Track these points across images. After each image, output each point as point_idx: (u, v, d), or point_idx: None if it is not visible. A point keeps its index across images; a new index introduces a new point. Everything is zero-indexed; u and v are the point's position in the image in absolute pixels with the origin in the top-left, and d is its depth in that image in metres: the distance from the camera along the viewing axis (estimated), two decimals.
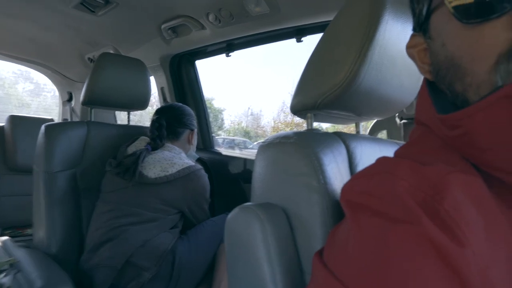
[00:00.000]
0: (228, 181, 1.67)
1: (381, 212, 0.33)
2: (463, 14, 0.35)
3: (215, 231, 1.24)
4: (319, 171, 0.51)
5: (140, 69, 1.39)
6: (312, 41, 1.23)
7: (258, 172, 0.60)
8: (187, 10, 1.34)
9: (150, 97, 1.45)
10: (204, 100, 1.93)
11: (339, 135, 0.63)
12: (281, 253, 0.50)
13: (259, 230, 0.50)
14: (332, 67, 0.56)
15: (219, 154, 1.80)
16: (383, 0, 0.54)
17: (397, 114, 1.13)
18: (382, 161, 0.40)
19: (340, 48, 0.56)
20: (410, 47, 0.46)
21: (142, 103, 1.43)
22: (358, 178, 0.40)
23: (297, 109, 0.65)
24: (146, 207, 1.15)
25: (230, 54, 1.61)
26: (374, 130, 1.19)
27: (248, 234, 0.52)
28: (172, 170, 1.17)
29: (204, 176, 1.26)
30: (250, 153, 1.91)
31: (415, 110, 0.47)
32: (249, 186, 1.73)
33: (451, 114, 0.37)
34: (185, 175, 1.19)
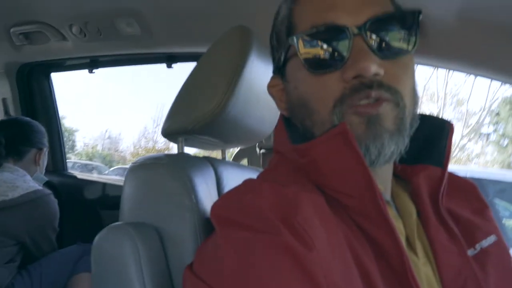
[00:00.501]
0: (82, 208, 1.51)
1: (247, 225, 0.38)
2: (310, 65, 0.44)
3: (63, 262, 1.10)
4: (191, 191, 0.54)
5: None
6: (183, 69, 1.26)
7: (128, 192, 0.59)
8: (46, 17, 1.21)
9: None
10: (59, 117, 1.74)
11: (208, 160, 0.67)
12: (153, 272, 0.50)
13: (131, 250, 0.50)
14: (205, 96, 0.61)
15: (74, 177, 1.63)
16: (250, 43, 0.62)
17: (257, 144, 1.25)
18: (248, 182, 0.45)
19: (213, 79, 0.61)
20: (270, 86, 0.54)
21: None
22: (227, 196, 0.44)
23: (168, 132, 0.66)
24: None
25: (93, 71, 1.51)
26: (237, 158, 1.28)
27: (119, 254, 0.50)
28: (14, 194, 1.02)
29: (53, 202, 1.13)
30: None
31: (274, 141, 0.54)
32: (108, 213, 1.61)
33: (301, 145, 0.45)
34: (29, 200, 1.04)
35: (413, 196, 0.50)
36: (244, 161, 1.35)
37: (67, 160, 1.76)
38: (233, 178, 0.68)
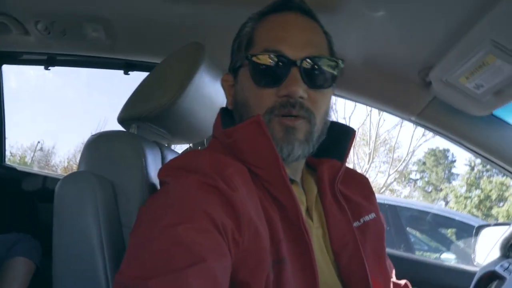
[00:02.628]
0: (20, 200, 1.51)
1: (189, 168, 0.54)
2: (256, 79, 0.62)
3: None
4: (142, 155, 0.68)
5: None
6: (134, 79, 1.37)
7: (87, 156, 0.70)
8: (12, 10, 1.27)
9: None
10: (4, 109, 1.73)
11: (156, 143, 0.81)
12: (108, 217, 0.61)
13: (90, 196, 0.60)
14: (160, 91, 0.75)
15: (13, 169, 1.62)
16: (203, 56, 0.78)
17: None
18: (190, 151, 0.63)
19: (168, 79, 0.76)
20: (223, 80, 0.71)
21: None
22: (173, 159, 0.59)
23: (123, 119, 0.78)
24: None
25: (49, 68, 1.56)
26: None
27: (80, 199, 0.60)
28: None
29: None
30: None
31: (213, 127, 0.70)
32: (46, 206, 1.60)
33: (227, 129, 0.62)
34: None
35: (317, 180, 0.69)
36: None
37: None
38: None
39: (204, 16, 1.05)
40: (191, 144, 1.16)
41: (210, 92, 0.82)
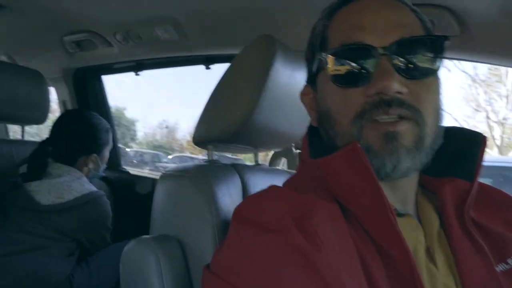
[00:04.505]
0: (135, 203, 1.62)
1: (261, 224, 0.42)
2: (337, 80, 0.47)
3: (119, 255, 1.18)
4: (212, 204, 0.57)
5: (36, 80, 1.30)
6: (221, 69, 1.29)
7: (157, 203, 0.63)
8: (93, 26, 1.30)
9: (48, 110, 1.35)
10: (111, 117, 1.86)
11: (235, 167, 0.69)
12: (174, 282, 0.54)
13: (154, 263, 0.53)
14: (231, 105, 0.64)
15: (127, 173, 1.74)
16: (274, 52, 0.63)
17: (293, 145, 1.25)
18: (270, 188, 0.49)
19: (239, 88, 0.64)
20: (303, 94, 0.57)
21: (38, 117, 1.33)
22: (248, 199, 0.48)
23: (198, 140, 0.69)
24: (34, 234, 1.04)
25: (138, 73, 1.60)
26: (274, 158, 1.30)
27: (143, 267, 0.54)
28: (69, 197, 1.07)
29: (105, 204, 1.17)
30: (160, 172, 1.88)
31: (301, 151, 0.57)
32: None
33: (316, 160, 0.48)
34: (84, 202, 1.09)
35: (439, 208, 0.50)
36: (283, 161, 1.36)
37: (130, 149, 1.86)
38: (260, 184, 0.70)
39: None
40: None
41: (291, 89, 0.68)
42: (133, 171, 1.82)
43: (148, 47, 1.33)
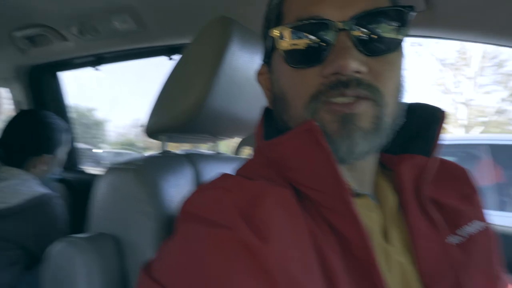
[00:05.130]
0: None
1: (206, 219, 0.38)
2: (291, 59, 0.43)
3: None
4: (155, 197, 0.52)
5: None
6: None
7: (96, 199, 0.57)
8: (45, 19, 1.23)
9: None
10: (68, 116, 1.78)
11: (188, 156, 0.65)
12: (106, 284, 0.49)
13: (83, 265, 0.49)
14: (184, 93, 0.60)
15: (85, 173, 1.68)
16: (230, 33, 0.60)
17: None
18: (220, 177, 0.46)
19: (192, 74, 0.60)
20: (259, 74, 0.54)
21: None
22: (196, 191, 0.44)
23: (151, 131, 0.65)
24: None
25: (98, 68, 1.54)
26: (239, 147, 1.29)
27: (70, 269, 0.49)
28: (16, 201, 0.99)
29: (57, 206, 1.09)
30: None
31: (254, 135, 0.54)
32: None
33: (270, 141, 0.45)
34: (33, 205, 1.01)
35: (397, 186, 0.49)
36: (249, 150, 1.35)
37: (101, 150, 1.79)
38: (216, 172, 0.68)
39: None
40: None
41: (249, 75, 0.65)
42: (90, 170, 1.75)
43: (106, 40, 1.27)
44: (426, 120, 0.50)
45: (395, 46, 0.43)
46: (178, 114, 0.59)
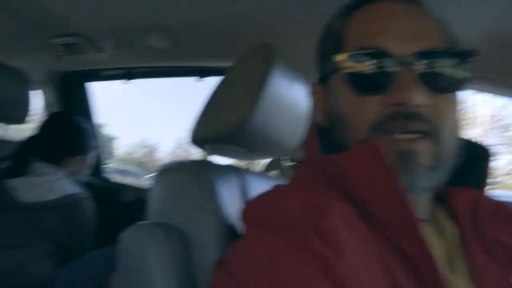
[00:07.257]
0: (116, 210, 1.55)
1: (276, 228, 0.39)
2: (354, 85, 0.44)
3: (101, 260, 1.10)
4: (212, 195, 0.56)
5: (18, 80, 1.25)
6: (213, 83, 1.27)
7: (156, 194, 0.62)
8: (83, 30, 1.26)
9: (28, 111, 1.29)
10: (94, 124, 1.79)
11: (231, 168, 0.69)
12: (177, 271, 0.52)
13: (155, 249, 0.51)
14: (230, 106, 0.63)
15: (108, 181, 1.69)
16: (273, 59, 0.63)
17: (288, 157, 1.23)
18: (277, 187, 0.46)
19: (237, 91, 0.64)
20: (314, 92, 0.55)
21: (18, 117, 1.26)
22: (256, 200, 0.45)
23: (196, 139, 0.68)
24: (14, 233, 0.99)
25: (128, 81, 1.55)
26: (267, 169, 1.28)
27: (144, 253, 0.52)
28: (51, 196, 1.04)
29: (89, 206, 1.15)
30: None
31: (306, 149, 0.54)
32: (139, 215, 1.63)
33: (333, 156, 0.45)
34: (66, 203, 1.07)
35: (454, 217, 0.49)
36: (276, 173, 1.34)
37: (105, 166, 1.82)
38: (260, 187, 0.69)
39: (269, 14, 0.88)
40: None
41: (288, 100, 0.68)
42: (114, 179, 1.76)
43: (139, 55, 1.29)
44: (469, 155, 0.50)
45: (457, 86, 0.44)
46: (221, 127, 0.62)
